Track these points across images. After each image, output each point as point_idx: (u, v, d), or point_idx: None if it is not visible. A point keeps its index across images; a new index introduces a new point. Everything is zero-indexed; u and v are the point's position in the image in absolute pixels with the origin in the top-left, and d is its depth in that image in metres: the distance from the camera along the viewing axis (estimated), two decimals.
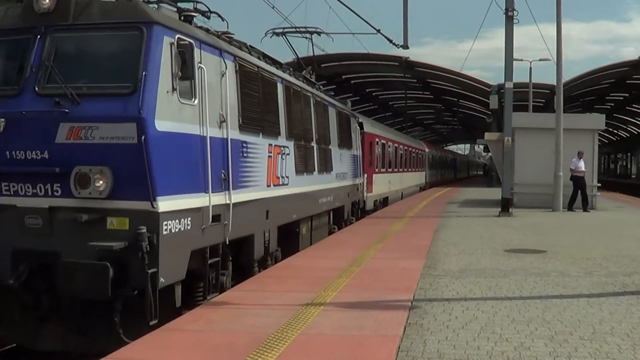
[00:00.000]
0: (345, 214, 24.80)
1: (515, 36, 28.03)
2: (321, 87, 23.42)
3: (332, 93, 27.05)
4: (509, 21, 27.68)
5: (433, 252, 16.33)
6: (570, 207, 29.63)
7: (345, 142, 24.45)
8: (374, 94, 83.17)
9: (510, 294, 11.30)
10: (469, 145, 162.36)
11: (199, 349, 7.88)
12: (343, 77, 68.15)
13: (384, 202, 36.69)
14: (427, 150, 61.84)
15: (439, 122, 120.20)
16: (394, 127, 71.40)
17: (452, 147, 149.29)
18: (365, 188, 30.14)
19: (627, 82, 65.02)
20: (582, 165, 29.77)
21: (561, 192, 29.45)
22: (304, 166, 17.76)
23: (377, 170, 34.53)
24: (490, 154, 49.28)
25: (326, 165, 20.64)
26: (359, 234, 20.44)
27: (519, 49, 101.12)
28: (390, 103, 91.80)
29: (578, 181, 29.82)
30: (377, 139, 34.86)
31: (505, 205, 27.53)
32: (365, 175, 30.17)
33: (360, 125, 30.03)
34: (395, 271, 13.40)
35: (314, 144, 19.15)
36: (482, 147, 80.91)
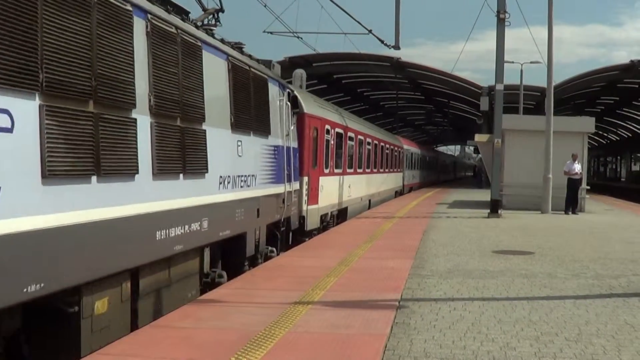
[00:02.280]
0: (250, 246, 14.94)
1: (507, 38, 28.19)
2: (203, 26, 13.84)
3: (245, 45, 15.54)
4: (501, 23, 27.81)
5: (422, 252, 16.40)
6: (570, 210, 29.90)
7: (253, 122, 14.82)
8: (365, 94, 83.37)
9: (498, 295, 11.37)
10: (459, 146, 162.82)
11: (187, 346, 7.91)
12: (334, 76, 68.32)
13: (340, 215, 27.58)
14: (405, 147, 53.14)
15: (430, 123, 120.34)
16: (385, 127, 71.34)
17: (443, 148, 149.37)
18: (304, 198, 20.70)
19: (618, 85, 65.40)
20: (576, 167, 30.00)
21: (550, 194, 29.60)
22: (90, 162, 8.31)
23: (327, 170, 24.44)
24: (480, 155, 49.36)
25: (186, 161, 11.16)
26: (348, 234, 20.47)
27: (510, 51, 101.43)
28: (381, 103, 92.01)
29: (571, 183, 29.94)
30: (327, 126, 24.38)
31: (494, 207, 27.66)
32: (306, 179, 21.00)
33: (294, 101, 19.59)
34: (384, 271, 13.45)
35: (139, 114, 9.65)
36: (472, 148, 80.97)
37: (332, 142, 25.05)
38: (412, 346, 8.11)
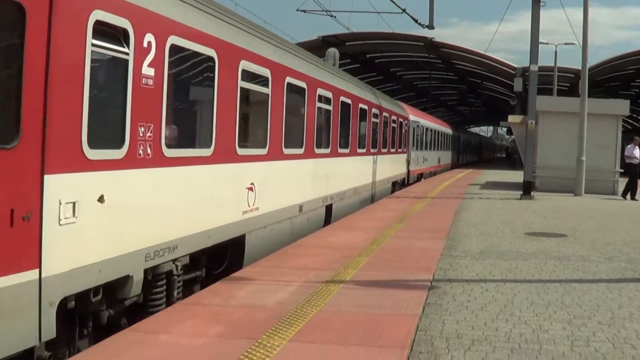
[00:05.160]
0: None
1: (542, 19, 27.95)
2: None
3: None
4: (536, 4, 27.57)
5: (454, 233, 16.34)
6: (627, 195, 28.89)
7: None
8: (398, 73, 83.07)
9: (530, 277, 11.30)
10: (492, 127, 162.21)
11: (218, 323, 7.93)
12: (368, 56, 68.14)
13: (227, 256, 12.27)
14: (412, 118, 38.50)
15: (463, 104, 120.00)
16: (418, 107, 70.69)
17: (475, 129, 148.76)
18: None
19: None
20: (637, 152, 29.18)
21: (583, 176, 29.38)
22: None
23: (121, 152, 8.35)
24: (513, 136, 48.92)
25: None
26: (380, 213, 20.41)
27: (545, 32, 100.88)
28: (414, 83, 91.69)
29: (630, 168, 29.44)
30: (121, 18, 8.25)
31: (527, 189, 27.49)
32: None
33: None
34: (416, 251, 13.42)
35: None
36: (505, 129, 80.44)
37: (159, 71, 9.30)
38: (444, 327, 8.08)
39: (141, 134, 8.75)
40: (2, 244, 6.44)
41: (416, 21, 30.80)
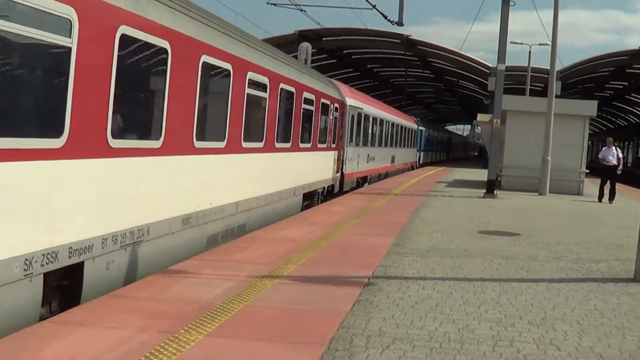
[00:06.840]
0: None
1: (522, 21, 29.17)
2: None
3: None
4: (505, 3, 27.61)
5: (406, 230, 16.25)
6: (607, 198, 28.08)
7: None
8: (375, 70, 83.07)
9: (471, 276, 11.21)
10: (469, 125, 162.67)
11: (141, 316, 7.77)
12: (344, 51, 68.10)
13: None
14: (349, 102, 29.02)
15: (439, 102, 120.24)
16: (393, 105, 70.37)
17: (452, 128, 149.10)
18: None
19: (627, 71, 65.03)
20: (610, 155, 28.35)
21: (548, 176, 29.48)
22: None
23: None
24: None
25: None
26: (339, 209, 20.30)
27: (525, 33, 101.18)
28: (391, 80, 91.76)
29: (604, 171, 28.78)
30: None
31: (491, 187, 27.49)
32: None
33: None
34: (363, 247, 13.32)
35: None
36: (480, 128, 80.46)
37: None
38: (368, 324, 7.95)
39: None
40: None
41: (385, 17, 30.73)
